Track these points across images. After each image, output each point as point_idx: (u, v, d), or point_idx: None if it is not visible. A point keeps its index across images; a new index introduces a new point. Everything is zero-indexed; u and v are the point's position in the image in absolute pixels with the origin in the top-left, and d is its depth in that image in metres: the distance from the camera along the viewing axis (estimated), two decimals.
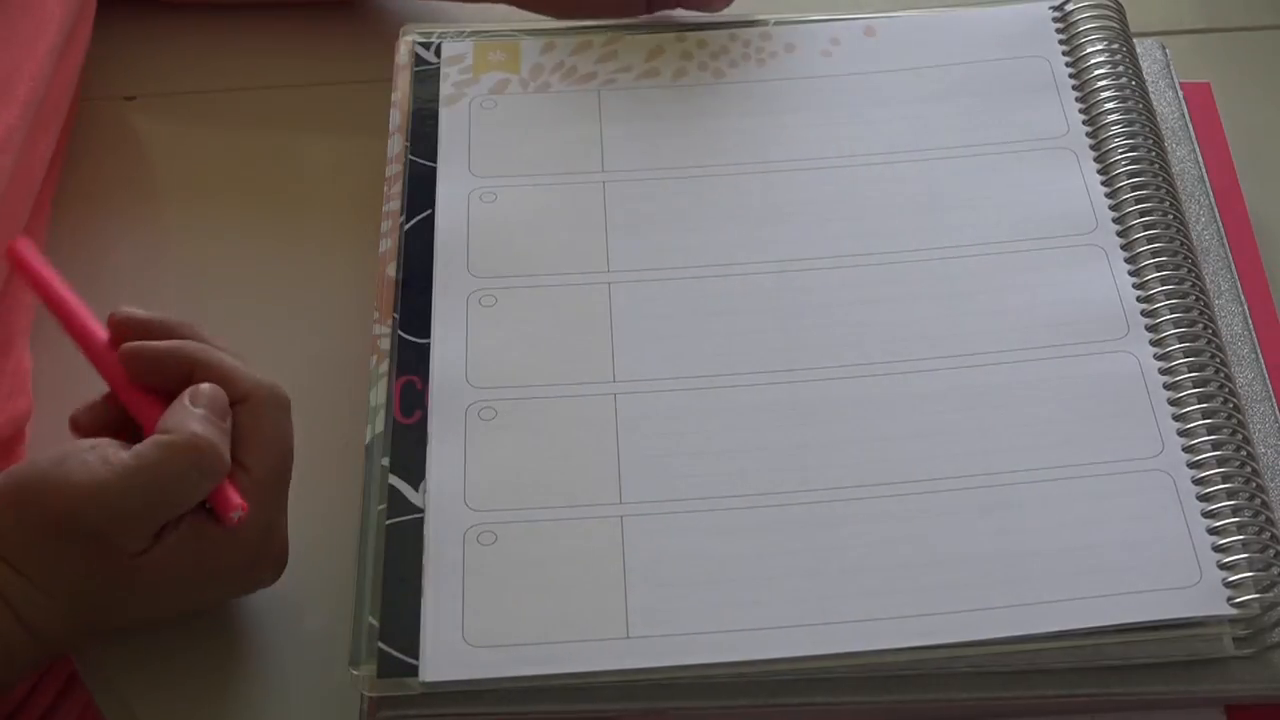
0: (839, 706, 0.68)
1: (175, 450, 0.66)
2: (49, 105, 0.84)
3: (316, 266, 0.86)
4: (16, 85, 0.80)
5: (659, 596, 0.69)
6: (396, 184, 0.83)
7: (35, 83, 0.81)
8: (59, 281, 0.72)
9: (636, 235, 0.81)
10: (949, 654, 0.67)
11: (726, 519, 0.71)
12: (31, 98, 0.80)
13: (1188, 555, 0.69)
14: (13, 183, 0.79)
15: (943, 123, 0.84)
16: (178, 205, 0.90)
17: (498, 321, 0.77)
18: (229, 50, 0.96)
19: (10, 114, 0.79)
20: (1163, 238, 0.79)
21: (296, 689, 0.72)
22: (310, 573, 0.74)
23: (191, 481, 0.66)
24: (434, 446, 0.73)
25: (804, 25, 0.89)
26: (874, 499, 0.71)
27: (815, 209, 0.81)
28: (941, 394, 0.74)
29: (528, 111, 0.86)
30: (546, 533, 0.71)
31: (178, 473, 0.66)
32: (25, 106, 0.80)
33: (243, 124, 0.93)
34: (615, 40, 0.89)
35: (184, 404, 0.68)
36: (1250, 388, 0.76)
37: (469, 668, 0.67)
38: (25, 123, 0.80)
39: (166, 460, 0.66)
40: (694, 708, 0.68)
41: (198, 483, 0.67)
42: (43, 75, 0.82)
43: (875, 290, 0.78)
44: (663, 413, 0.74)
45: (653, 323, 0.77)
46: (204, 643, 0.73)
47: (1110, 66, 0.85)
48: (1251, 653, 0.68)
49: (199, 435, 0.66)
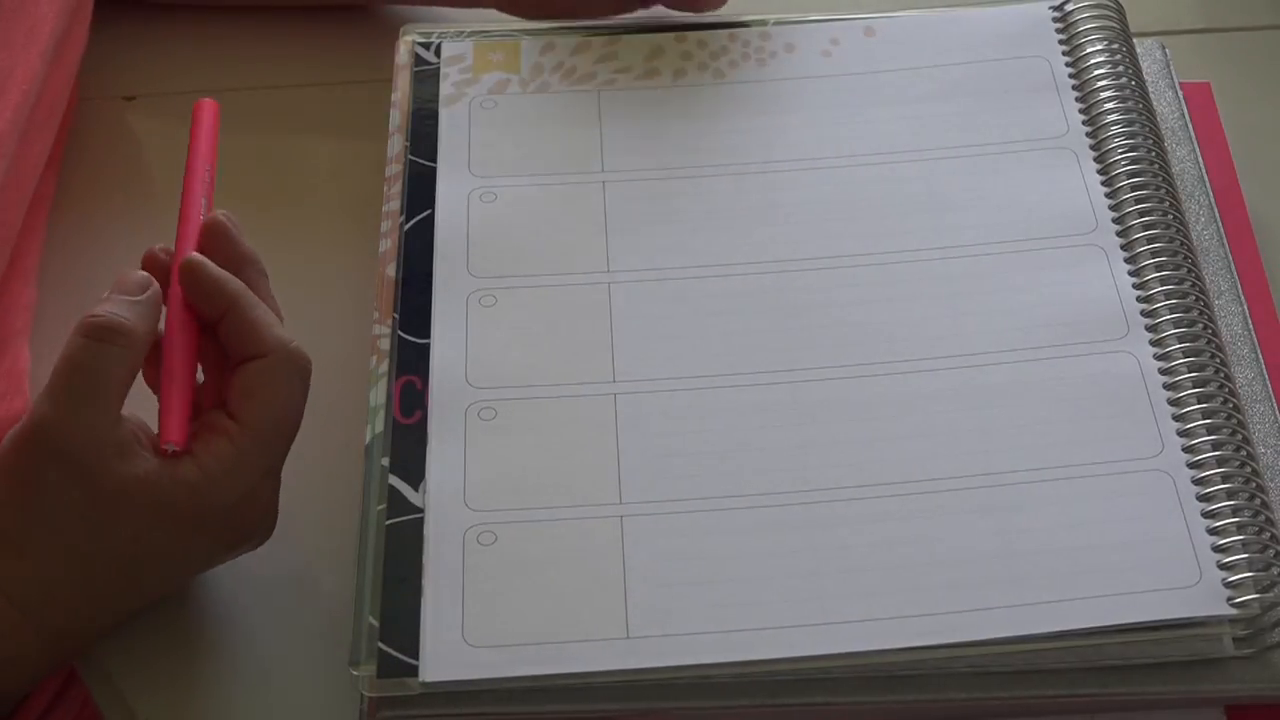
0: (839, 706, 0.68)
1: (73, 335, 0.69)
2: (43, 108, 0.84)
3: (316, 266, 0.86)
4: (8, 90, 0.80)
5: (659, 596, 0.69)
6: (396, 184, 0.83)
7: (27, 87, 0.81)
8: (206, 156, 0.77)
9: (636, 235, 0.81)
10: (949, 654, 0.67)
11: (726, 519, 0.71)
12: (23, 101, 0.81)
13: (1188, 555, 0.69)
14: (4, 190, 0.79)
15: (943, 123, 0.84)
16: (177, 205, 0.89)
17: (498, 321, 0.77)
18: (229, 50, 0.96)
19: (1, 120, 0.79)
20: (1163, 238, 0.79)
21: (296, 689, 0.72)
22: (310, 573, 0.74)
23: (99, 354, 0.68)
24: (434, 446, 0.73)
25: (804, 25, 0.89)
26: (874, 499, 0.71)
27: (815, 209, 0.81)
28: (941, 394, 0.74)
29: (528, 111, 0.86)
30: (546, 533, 0.71)
31: (81, 350, 0.68)
32: (17, 111, 0.80)
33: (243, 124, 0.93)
34: (615, 41, 0.89)
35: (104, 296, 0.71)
36: (1250, 388, 0.76)
37: (469, 668, 0.67)
38: (17, 128, 0.80)
39: (70, 347, 0.68)
40: (694, 708, 0.68)
41: (106, 353, 0.68)
42: (35, 79, 0.82)
43: (875, 290, 0.78)
44: (663, 413, 0.74)
45: (653, 323, 0.77)
46: (203, 641, 0.73)
47: (1110, 66, 0.85)
48: (1251, 653, 0.68)
49: (93, 312, 0.69)
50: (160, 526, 0.69)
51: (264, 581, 0.74)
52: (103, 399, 0.68)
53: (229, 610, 0.73)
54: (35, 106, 0.82)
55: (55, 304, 0.83)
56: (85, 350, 0.68)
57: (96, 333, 0.68)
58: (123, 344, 0.69)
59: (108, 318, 0.69)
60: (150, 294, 0.71)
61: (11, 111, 0.80)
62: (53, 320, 0.82)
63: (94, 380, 0.68)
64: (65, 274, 0.85)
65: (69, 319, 0.73)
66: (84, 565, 0.68)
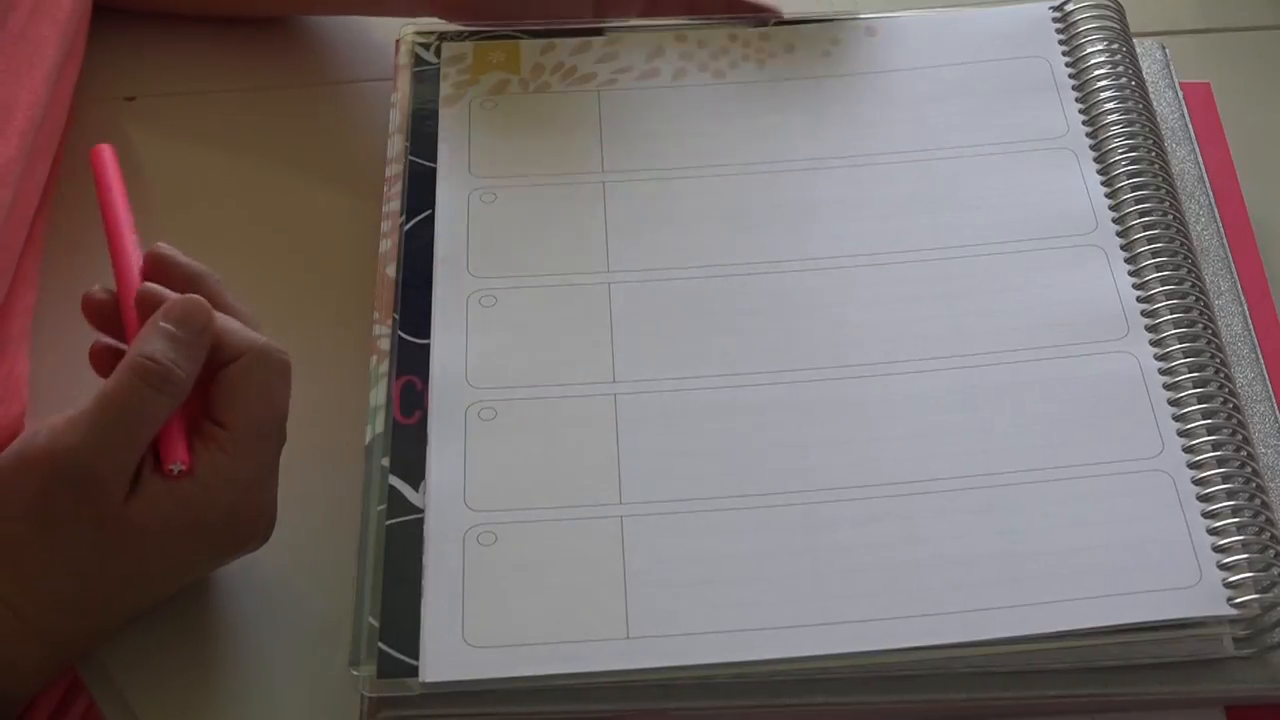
0: (839, 706, 0.68)
1: (125, 373, 0.68)
2: (46, 130, 0.84)
3: (316, 267, 0.86)
4: (14, 116, 0.80)
5: (659, 596, 0.69)
6: (396, 184, 0.83)
7: (32, 112, 0.81)
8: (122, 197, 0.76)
9: (636, 235, 0.81)
10: (949, 654, 0.67)
11: (726, 519, 0.71)
12: (28, 127, 0.81)
13: (1188, 555, 0.69)
14: (11, 211, 0.79)
15: (943, 123, 0.85)
16: (177, 205, 0.90)
17: (498, 321, 0.77)
18: (228, 51, 0.96)
19: (9, 146, 0.79)
20: (1163, 238, 0.79)
21: (296, 689, 0.72)
22: (310, 573, 0.74)
23: (147, 399, 0.67)
24: (434, 447, 0.73)
25: (804, 25, 0.89)
26: (874, 499, 0.71)
27: (815, 209, 0.81)
28: (941, 394, 0.74)
29: (528, 111, 0.86)
30: (546, 533, 0.71)
31: (131, 392, 0.67)
32: (23, 136, 0.80)
33: (243, 124, 0.93)
34: (615, 40, 0.89)
35: (151, 323, 0.69)
36: (1250, 388, 0.76)
37: (469, 668, 0.67)
38: (23, 153, 0.80)
39: (119, 384, 0.67)
40: (694, 708, 0.68)
41: (154, 399, 0.68)
42: (40, 104, 0.82)
43: (875, 290, 0.78)
44: (663, 413, 0.74)
45: (653, 323, 0.77)
46: (204, 642, 0.73)
47: (1110, 67, 0.85)
48: (1251, 653, 0.68)
49: (147, 353, 0.68)
50: (166, 543, 0.69)
51: (264, 581, 0.74)
52: (139, 442, 0.68)
53: (229, 610, 0.73)
54: (39, 130, 0.82)
55: (54, 306, 0.83)
56: (135, 394, 0.67)
57: (151, 379, 0.68)
58: (172, 392, 0.68)
59: (166, 366, 0.68)
60: (205, 333, 0.70)
61: (18, 138, 0.80)
62: (51, 322, 0.82)
63: (137, 424, 0.67)
64: (64, 276, 0.85)
65: (68, 321, 0.73)
66: (90, 582, 0.69)
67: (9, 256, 0.79)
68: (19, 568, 0.68)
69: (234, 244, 0.87)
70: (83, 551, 0.68)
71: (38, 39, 0.83)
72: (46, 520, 0.67)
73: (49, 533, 0.67)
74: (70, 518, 0.67)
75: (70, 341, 0.76)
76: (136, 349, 0.68)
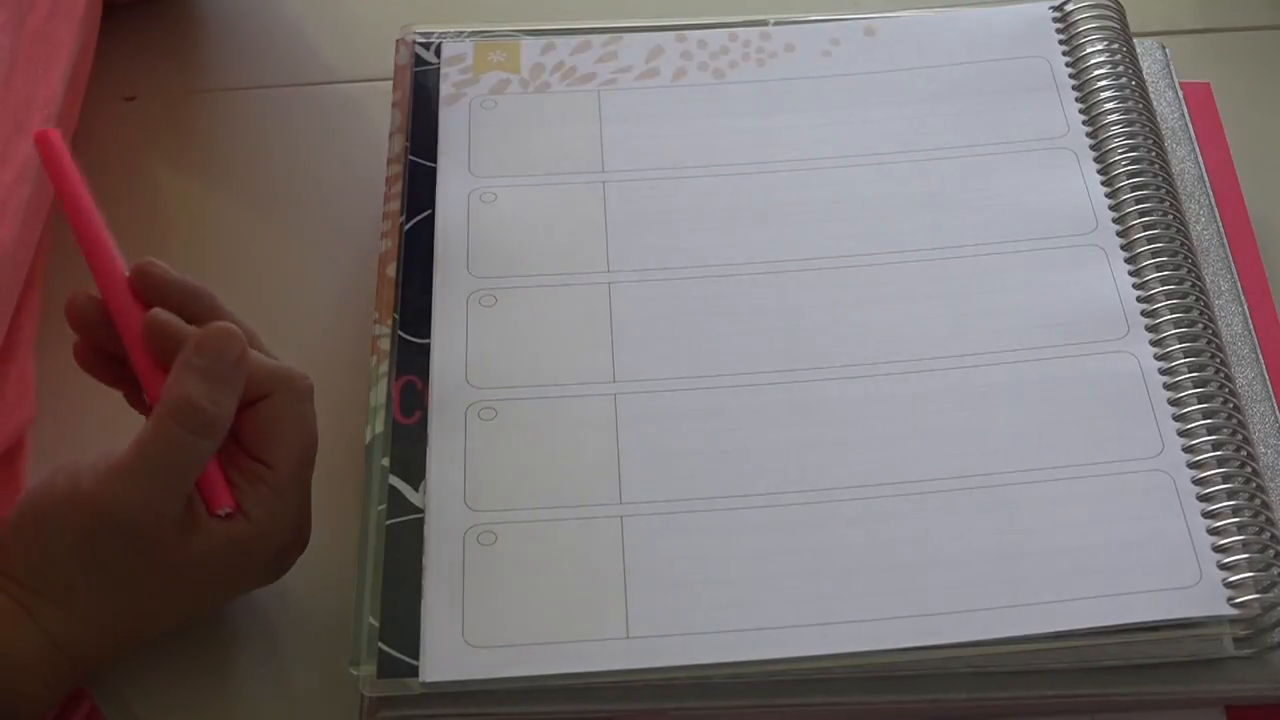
0: (839, 706, 0.68)
1: (164, 419, 0.66)
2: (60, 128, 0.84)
3: (316, 266, 0.86)
4: (31, 115, 0.80)
5: (659, 596, 0.69)
6: (396, 184, 0.83)
7: (49, 110, 0.81)
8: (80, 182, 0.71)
9: (636, 235, 0.81)
10: (949, 654, 0.67)
11: (726, 519, 0.71)
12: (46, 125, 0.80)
13: (1188, 555, 0.69)
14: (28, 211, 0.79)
15: (943, 123, 0.84)
16: (177, 205, 0.90)
17: (498, 321, 0.77)
18: (228, 50, 0.96)
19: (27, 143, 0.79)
20: (1163, 238, 0.79)
21: (296, 689, 0.72)
22: (310, 573, 0.74)
23: (189, 446, 0.66)
24: (434, 447, 0.73)
25: (804, 25, 0.89)
26: (874, 499, 0.71)
27: (815, 209, 0.81)
28: (941, 394, 0.74)
29: (528, 111, 0.86)
30: (546, 533, 0.71)
31: (173, 440, 0.66)
32: None
33: (243, 124, 0.93)
34: (615, 40, 0.89)
35: (183, 360, 0.67)
36: (1250, 388, 0.76)
37: (469, 668, 0.67)
38: None
39: (160, 433, 0.66)
40: (694, 708, 0.68)
41: (196, 445, 0.67)
42: (57, 102, 0.82)
43: (875, 290, 0.78)
44: (663, 413, 0.74)
45: (653, 323, 0.77)
46: (204, 643, 0.73)
47: (1110, 66, 0.85)
48: (1251, 653, 0.68)
49: (184, 396, 0.66)
50: (216, 579, 0.69)
51: None
52: (184, 490, 0.67)
53: (229, 610, 0.73)
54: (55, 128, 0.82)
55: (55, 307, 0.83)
56: (177, 442, 0.66)
57: (191, 425, 0.66)
58: (214, 435, 0.67)
59: (209, 411, 0.67)
60: (241, 365, 0.68)
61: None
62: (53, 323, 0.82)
63: (181, 474, 0.67)
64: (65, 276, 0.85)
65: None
66: (139, 622, 0.69)
67: (28, 252, 0.79)
68: (71, 609, 0.68)
69: (234, 244, 0.87)
70: (133, 592, 0.68)
71: (56, 38, 0.83)
72: (96, 563, 0.67)
73: (99, 574, 0.67)
74: (120, 561, 0.67)
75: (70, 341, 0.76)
76: (172, 392, 0.67)
